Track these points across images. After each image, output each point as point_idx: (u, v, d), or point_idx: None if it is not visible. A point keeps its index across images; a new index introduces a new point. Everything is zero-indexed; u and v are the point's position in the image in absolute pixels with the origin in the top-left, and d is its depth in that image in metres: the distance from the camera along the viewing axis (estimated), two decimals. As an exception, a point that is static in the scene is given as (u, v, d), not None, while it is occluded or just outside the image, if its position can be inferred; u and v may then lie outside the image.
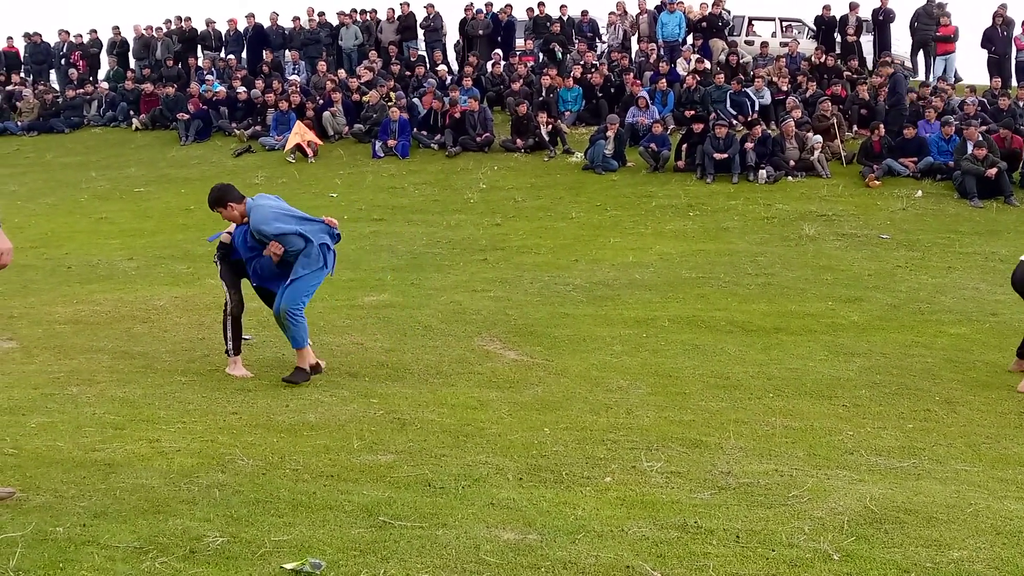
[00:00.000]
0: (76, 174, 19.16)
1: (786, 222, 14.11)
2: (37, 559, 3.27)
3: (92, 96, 23.41)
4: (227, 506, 3.92)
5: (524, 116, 18.31)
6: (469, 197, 16.11)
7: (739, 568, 3.42)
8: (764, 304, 10.10)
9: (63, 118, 22.85)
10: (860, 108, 18.20)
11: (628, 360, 7.96)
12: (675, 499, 4.32)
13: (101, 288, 10.53)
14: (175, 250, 13.33)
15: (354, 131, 19.48)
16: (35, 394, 6.35)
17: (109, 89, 23.62)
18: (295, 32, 23.49)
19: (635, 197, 15.60)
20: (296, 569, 3.20)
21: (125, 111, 22.52)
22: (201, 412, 5.85)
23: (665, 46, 21.71)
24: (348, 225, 14.66)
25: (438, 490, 4.36)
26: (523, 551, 3.50)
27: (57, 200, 17.43)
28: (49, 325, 8.99)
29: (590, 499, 4.29)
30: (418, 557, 3.41)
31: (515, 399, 6.65)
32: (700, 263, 12.05)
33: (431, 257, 12.85)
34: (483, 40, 22.88)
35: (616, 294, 10.57)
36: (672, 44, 21.76)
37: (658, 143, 16.92)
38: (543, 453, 5.15)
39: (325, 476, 4.52)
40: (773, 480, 4.70)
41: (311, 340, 7.13)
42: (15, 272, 10.69)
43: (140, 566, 3.23)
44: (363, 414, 5.97)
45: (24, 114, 23.15)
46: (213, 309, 9.32)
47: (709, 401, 6.64)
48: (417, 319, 9.45)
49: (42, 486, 4.16)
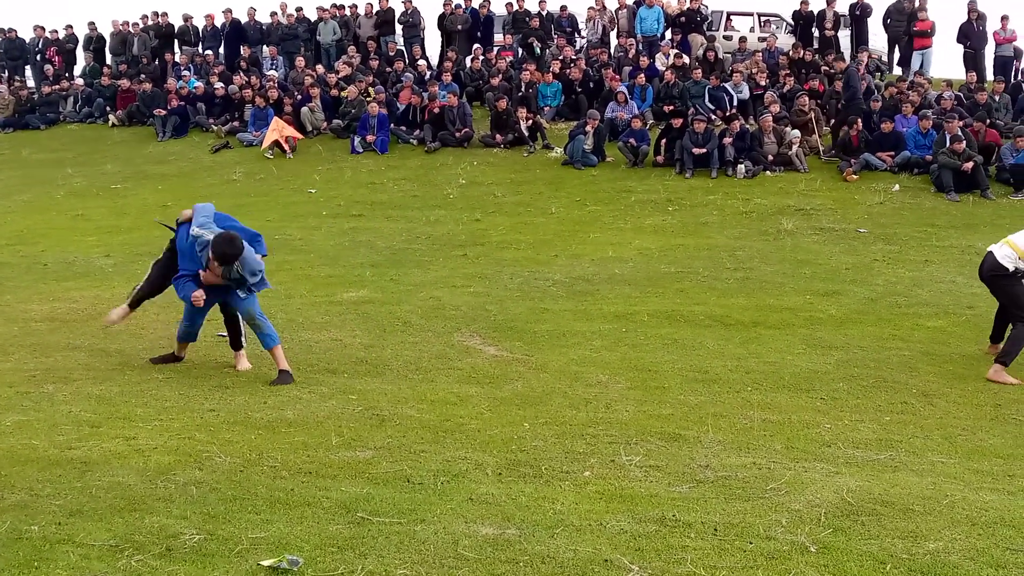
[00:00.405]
0: (52, 171, 18.99)
1: (764, 216, 14.16)
2: (12, 558, 3.24)
3: (68, 92, 23.20)
4: (204, 503, 3.90)
5: (503, 111, 18.29)
6: (448, 193, 16.08)
7: (717, 561, 3.43)
8: (742, 298, 10.14)
9: (39, 114, 22.64)
10: (838, 103, 18.28)
11: (608, 355, 7.97)
12: (654, 493, 4.33)
13: (78, 285, 10.45)
14: (152, 247, 13.16)
15: (332, 126, 19.40)
16: (10, 392, 6.29)
17: (85, 85, 23.42)
18: (273, 27, 23.36)
19: (614, 192, 15.61)
20: (273, 566, 3.19)
21: (101, 107, 22.33)
22: (178, 409, 5.82)
23: (644, 41, 21.72)
24: (327, 221, 14.63)
25: (417, 486, 4.36)
26: (501, 546, 3.50)
27: (33, 197, 17.28)
28: (25, 323, 8.91)
29: (569, 494, 4.30)
30: (396, 553, 3.40)
31: (495, 394, 6.65)
32: (679, 258, 12.08)
33: (410, 253, 12.82)
34: (462, 35, 22.82)
35: (596, 289, 10.58)
36: (651, 39, 21.77)
37: (637, 138, 16.93)
38: (523, 448, 5.15)
39: (303, 473, 4.50)
40: (751, 473, 4.72)
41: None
42: (-10, 269, 10.61)
43: (116, 564, 3.21)
44: (342, 410, 5.96)
45: (-1, 110, 22.95)
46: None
47: (688, 395, 6.66)
48: (396, 315, 9.43)
49: (17, 484, 4.13)
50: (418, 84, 20.31)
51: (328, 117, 19.58)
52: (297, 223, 14.50)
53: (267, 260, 12.25)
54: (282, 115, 19.24)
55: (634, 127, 17.12)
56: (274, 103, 19.65)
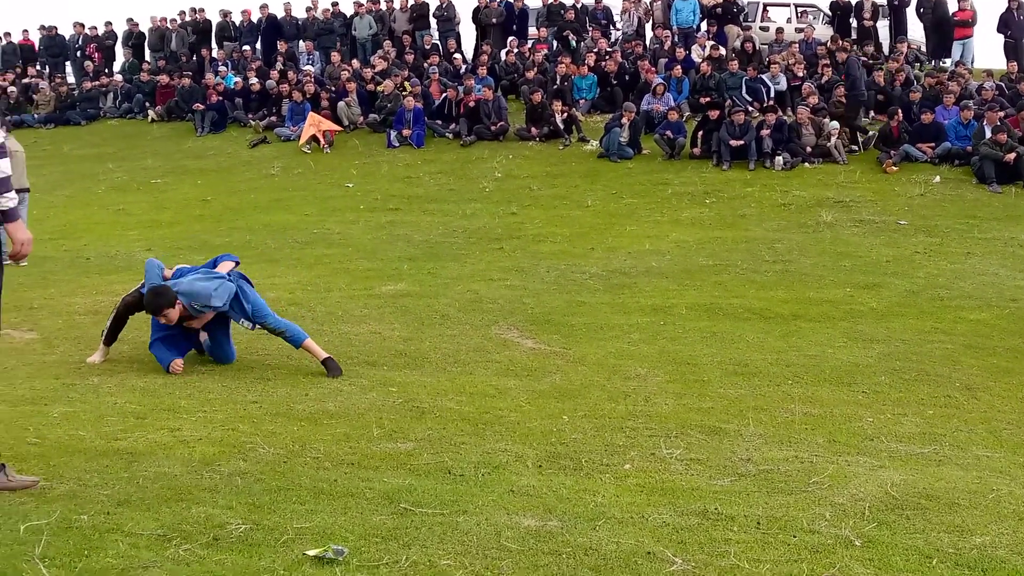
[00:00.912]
0: (93, 166, 19.24)
1: (803, 209, 14.05)
2: (63, 547, 3.30)
3: (108, 88, 23.49)
4: (249, 494, 3.94)
5: (538, 104, 18.27)
6: (484, 186, 16.10)
7: (760, 554, 3.42)
8: (782, 291, 10.07)
9: (79, 110, 22.94)
10: (876, 94, 18.09)
11: (645, 348, 7.95)
12: (695, 486, 4.32)
13: (120, 279, 10.56)
14: (192, 241, 13.37)
15: (369, 121, 19.49)
16: (56, 384, 6.38)
17: (124, 81, 23.70)
18: (309, 22, 23.50)
19: (651, 185, 15.55)
20: (319, 555, 3.22)
21: (141, 103, 22.59)
22: (221, 401, 5.88)
23: (680, 33, 21.62)
24: (364, 215, 14.71)
25: (458, 477, 4.37)
26: (544, 537, 3.50)
27: (75, 192, 17.52)
28: (69, 316, 9.03)
29: (610, 486, 4.29)
30: (440, 544, 3.42)
31: (533, 387, 6.66)
32: (717, 250, 12.02)
33: (447, 246, 12.86)
34: (496, 28, 22.83)
35: (633, 282, 10.55)
36: (687, 31, 21.67)
37: (673, 130, 16.86)
38: (562, 441, 5.16)
39: (346, 464, 4.54)
40: (793, 467, 4.69)
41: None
42: (34, 264, 10.76)
43: (164, 553, 3.25)
44: (382, 402, 5.99)
45: (41, 107, 23.25)
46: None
47: (728, 388, 6.63)
48: (434, 308, 9.46)
49: (65, 475, 4.19)
50: (453, 78, 20.35)
51: (364, 111, 19.67)
52: (335, 217, 14.59)
53: (307, 253, 12.42)
54: (319, 110, 19.35)
55: (670, 119, 17.04)
56: (311, 98, 19.76)
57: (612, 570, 3.20)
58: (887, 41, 21.72)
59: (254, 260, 12.09)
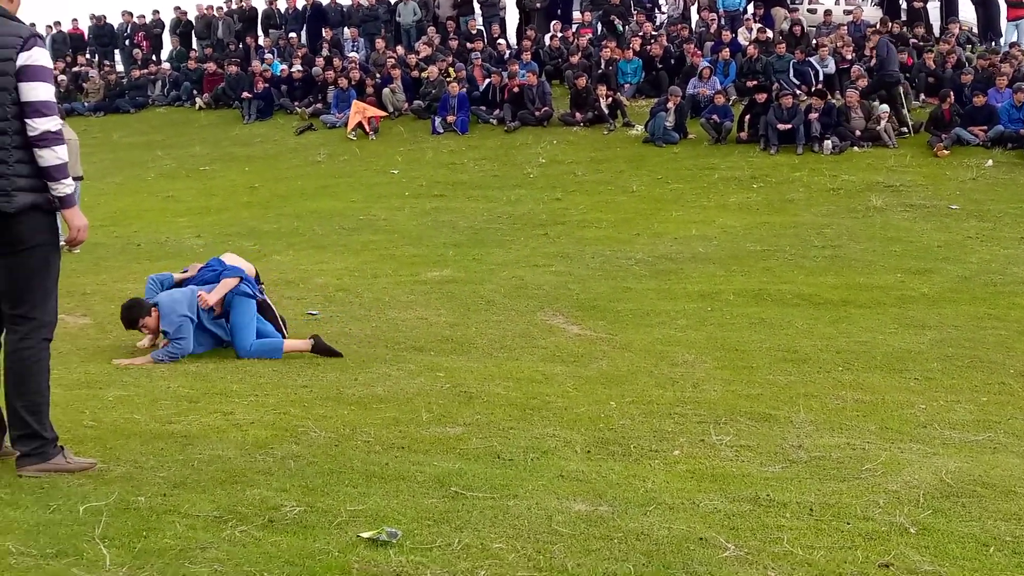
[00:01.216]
0: (142, 153, 19.50)
1: (852, 193, 13.88)
2: (121, 527, 3.36)
3: (156, 76, 23.76)
4: (302, 476, 3.98)
5: (583, 89, 18.20)
6: (529, 172, 16.09)
7: (814, 541, 3.39)
8: (831, 277, 9.97)
9: (128, 98, 23.23)
10: (927, 76, 17.79)
11: (693, 334, 7.92)
12: (746, 472, 4.30)
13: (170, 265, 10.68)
14: (241, 227, 13.52)
15: (413, 107, 19.53)
16: (110, 368, 6.50)
17: (172, 69, 23.95)
18: (353, 9, 23.56)
19: (697, 169, 15.45)
20: (373, 538, 3.25)
21: (188, 91, 22.82)
22: (272, 385, 5.95)
23: (726, 16, 21.39)
24: (409, 201, 14.77)
25: (507, 462, 4.39)
26: (595, 522, 3.51)
27: (125, 179, 17.77)
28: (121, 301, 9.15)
29: (659, 472, 4.28)
30: (491, 527, 3.43)
31: (580, 373, 6.66)
32: (764, 236, 11.92)
33: (492, 232, 12.88)
34: (540, 13, 22.74)
35: (679, 268, 10.51)
36: (733, 13, 21.44)
37: (720, 114, 16.72)
38: (610, 426, 5.15)
39: (396, 448, 4.57)
40: (845, 454, 4.65)
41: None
42: (87, 250, 10.93)
43: (221, 535, 3.30)
44: (430, 387, 6.02)
45: (90, 95, 23.58)
46: (280, 285, 9.46)
47: (777, 375, 6.58)
48: (479, 294, 9.49)
49: (122, 457, 4.26)
50: (497, 63, 20.31)
51: (409, 98, 19.71)
52: (381, 204, 14.67)
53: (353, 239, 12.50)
54: (363, 97, 19.43)
55: (717, 103, 16.90)
56: (356, 85, 19.84)
57: (664, 555, 3.20)
58: (937, 22, 21.32)
59: (302, 247, 12.22)
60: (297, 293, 9.42)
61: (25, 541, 3.23)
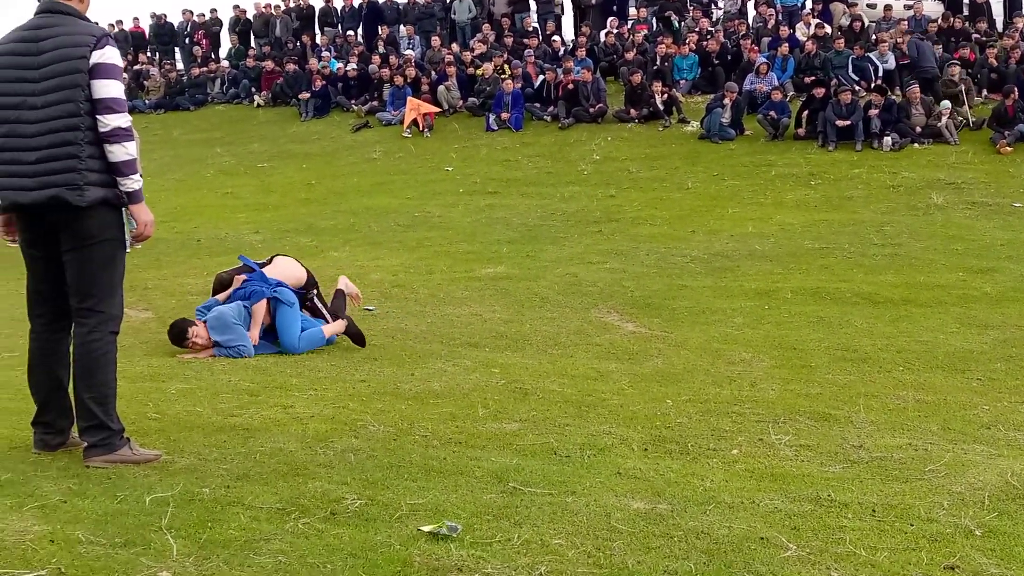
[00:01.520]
0: (202, 150, 19.80)
1: (913, 191, 13.66)
2: (187, 518, 3.41)
3: (215, 74, 24.09)
4: (362, 470, 4.02)
5: (638, 86, 18.12)
6: (583, 169, 16.07)
7: (877, 542, 3.35)
8: (891, 275, 9.83)
9: (188, 96, 23.59)
10: (990, 72, 17.43)
11: (750, 332, 7.85)
12: (806, 472, 4.25)
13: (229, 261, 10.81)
14: (299, 223, 13.68)
15: (468, 104, 19.59)
16: (172, 362, 6.62)
17: (231, 67, 24.27)
18: (409, 7, 23.68)
19: (753, 166, 15.31)
20: (433, 531, 3.27)
21: (247, 88, 23.11)
22: (330, 380, 6.01)
23: (784, 11, 21.16)
24: (464, 198, 14.83)
25: (564, 459, 4.39)
26: (654, 520, 3.50)
27: (184, 175, 18.06)
28: (182, 296, 9.34)
29: (718, 471, 4.26)
30: (550, 523, 3.44)
31: (635, 371, 6.64)
32: (823, 233, 11.78)
33: (546, 229, 12.88)
34: (596, 10, 22.68)
35: (735, 265, 10.42)
36: (791, 9, 21.20)
37: (777, 110, 16.54)
38: (667, 424, 5.13)
39: (453, 443, 4.59)
40: (907, 454, 4.58)
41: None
42: (148, 245, 11.01)
43: (284, 526, 3.34)
44: (485, 383, 6.04)
45: (151, 92, 23.99)
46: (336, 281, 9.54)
47: (836, 374, 6.51)
48: (534, 291, 9.50)
49: (186, 449, 4.34)
50: (552, 60, 20.29)
51: (464, 95, 19.77)
52: (435, 200, 14.74)
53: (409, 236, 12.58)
54: (419, 94, 19.53)
55: (774, 99, 16.73)
56: (411, 82, 19.94)
57: (725, 554, 3.18)
58: (1001, 17, 20.89)
59: (358, 243, 12.33)
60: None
61: (94, 530, 3.30)
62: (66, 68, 3.85)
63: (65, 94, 3.85)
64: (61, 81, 3.85)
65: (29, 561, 3.03)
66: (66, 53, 3.85)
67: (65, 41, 3.87)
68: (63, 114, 3.85)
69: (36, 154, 3.86)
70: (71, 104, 3.84)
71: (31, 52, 3.88)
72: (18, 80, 3.88)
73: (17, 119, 3.88)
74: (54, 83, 3.85)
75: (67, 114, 3.85)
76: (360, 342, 7.13)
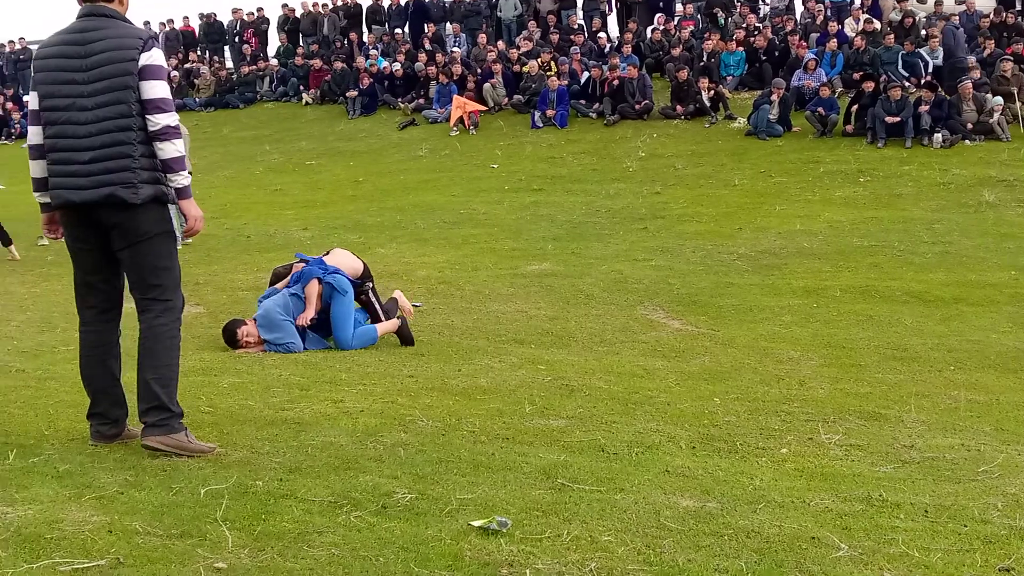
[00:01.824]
0: (251, 148, 20.02)
1: (964, 188, 13.46)
2: (241, 510, 3.47)
3: (264, 72, 24.33)
4: (412, 464, 4.06)
5: (684, 82, 18.03)
6: (628, 165, 16.02)
7: (930, 543, 3.32)
8: (942, 273, 9.71)
9: (237, 94, 23.86)
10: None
11: (798, 331, 7.80)
12: (856, 472, 4.22)
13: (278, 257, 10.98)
14: (346, 220, 13.79)
15: (514, 102, 19.61)
16: (224, 356, 6.71)
17: (280, 65, 24.50)
18: (455, 5, 23.75)
19: (801, 163, 15.17)
20: (484, 526, 3.29)
21: (295, 86, 23.32)
22: (379, 375, 6.07)
23: (832, 7, 20.92)
24: (509, 195, 14.86)
25: (612, 456, 4.39)
26: (704, 518, 3.49)
27: (234, 173, 18.28)
28: (232, 291, 9.47)
29: (767, 470, 4.24)
30: (599, 520, 3.45)
31: (682, 368, 6.62)
32: (872, 231, 11.65)
33: (591, 226, 12.87)
34: (643, 6, 22.58)
35: (783, 263, 10.35)
36: (840, 4, 20.96)
37: (826, 107, 16.37)
38: (714, 423, 5.11)
39: (501, 438, 4.62)
40: (960, 455, 4.53)
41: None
42: (199, 241, 11.29)
43: (336, 519, 3.38)
44: (532, 380, 6.06)
45: (202, 91, 24.29)
46: (384, 277, 9.62)
47: (886, 373, 6.45)
48: (579, 288, 9.50)
49: (239, 442, 4.40)
50: (598, 57, 20.25)
51: (509, 93, 19.79)
52: (481, 197, 14.79)
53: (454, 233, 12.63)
54: (464, 92, 19.59)
55: (823, 95, 16.56)
56: (457, 80, 20.00)
57: (776, 553, 3.17)
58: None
59: (405, 240, 12.40)
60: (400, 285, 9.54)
61: (151, 521, 3.37)
62: (116, 70, 3.95)
63: (116, 95, 3.95)
64: (112, 83, 3.95)
65: (89, 551, 3.09)
66: (116, 56, 3.95)
67: (114, 44, 3.96)
68: (115, 115, 3.95)
69: (89, 154, 3.96)
70: (123, 105, 3.95)
71: (79, 55, 3.98)
72: (67, 82, 3.99)
73: (68, 120, 3.99)
74: (104, 84, 3.95)
75: (119, 115, 3.95)
76: (409, 342, 7.17)
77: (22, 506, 3.47)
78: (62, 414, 4.85)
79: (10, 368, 6.07)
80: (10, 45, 27.50)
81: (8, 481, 3.76)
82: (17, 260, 11.17)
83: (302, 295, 7.05)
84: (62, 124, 4.00)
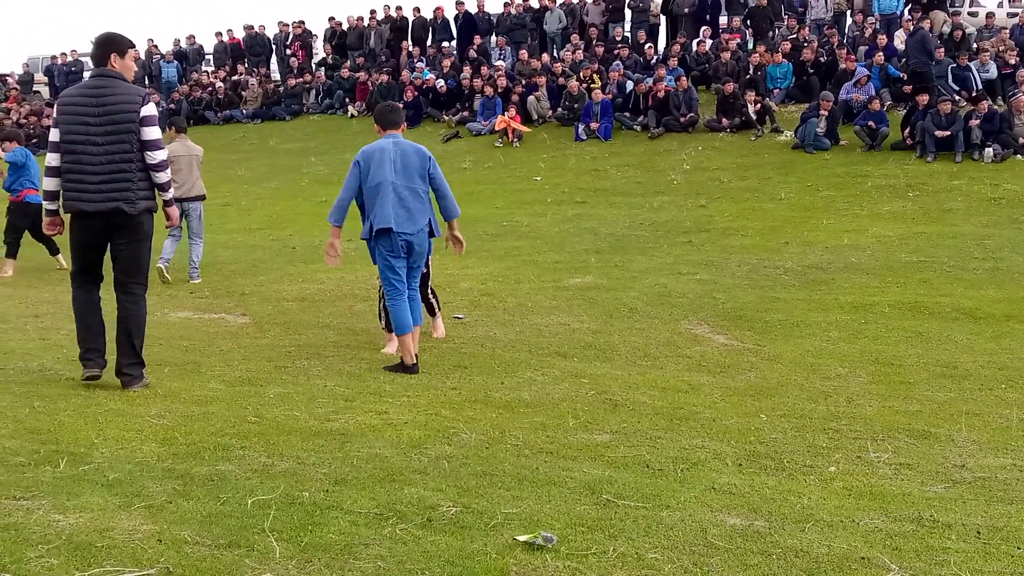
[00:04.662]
0: (297, 159, 20.20)
1: (1015, 203, 13.23)
2: (288, 521, 3.49)
3: (310, 85, 24.58)
4: (456, 477, 4.06)
5: (730, 95, 17.93)
6: (672, 178, 15.95)
7: (983, 565, 3.26)
8: (993, 290, 9.54)
9: (284, 106, 24.12)
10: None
11: (845, 347, 7.69)
12: (906, 491, 4.16)
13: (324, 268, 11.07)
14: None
15: (557, 114, 19.63)
16: (270, 366, 6.76)
17: (326, 78, 24.73)
18: (502, 17, 23.83)
19: (849, 177, 15.01)
20: (529, 541, 3.28)
21: (341, 99, 23.52)
22: (423, 387, 6.08)
23: (881, 20, 20.72)
24: (552, 208, 14.85)
25: (657, 472, 4.36)
26: (752, 537, 3.45)
27: (280, 184, 18.45)
28: (278, 302, 9.55)
29: (815, 488, 4.19)
30: (645, 537, 3.43)
31: (727, 384, 6.56)
32: (921, 246, 11.49)
33: (634, 239, 12.82)
34: (688, 19, 22.53)
35: (831, 278, 10.23)
36: (889, 17, 20.75)
37: (875, 120, 16.20)
38: (761, 440, 5.06)
39: (545, 452, 4.61)
40: (1012, 475, 4.45)
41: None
42: (245, 252, 11.42)
43: (382, 532, 3.39)
44: (575, 394, 6.04)
45: (248, 102, 24.59)
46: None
47: (936, 391, 6.34)
48: (622, 301, 9.46)
49: (285, 453, 4.43)
50: (643, 69, 20.22)
51: (553, 105, 19.81)
52: (524, 210, 14.79)
53: (497, 245, 12.64)
54: (508, 104, 19.64)
55: (872, 109, 16.38)
56: (502, 92, 20.06)
57: (825, 573, 3.12)
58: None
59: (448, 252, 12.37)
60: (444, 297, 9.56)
61: (199, 531, 3.40)
62: (123, 119, 5.51)
63: (122, 136, 5.53)
64: (119, 128, 5.52)
65: (139, 560, 3.13)
66: (122, 107, 5.51)
67: (121, 99, 5.53)
68: (121, 151, 5.55)
69: (99, 177, 5.54)
70: (127, 144, 5.55)
71: (92, 104, 5.52)
72: (83, 124, 5.51)
73: (83, 151, 5.52)
74: (113, 128, 5.51)
75: (123, 151, 5.56)
76: (404, 370, 6.63)
77: (73, 514, 3.52)
78: (111, 422, 4.92)
79: (60, 376, 6.16)
80: (62, 57, 28.05)
81: (60, 489, 3.82)
82: (65, 269, 11.35)
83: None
84: (78, 154, 5.53)
